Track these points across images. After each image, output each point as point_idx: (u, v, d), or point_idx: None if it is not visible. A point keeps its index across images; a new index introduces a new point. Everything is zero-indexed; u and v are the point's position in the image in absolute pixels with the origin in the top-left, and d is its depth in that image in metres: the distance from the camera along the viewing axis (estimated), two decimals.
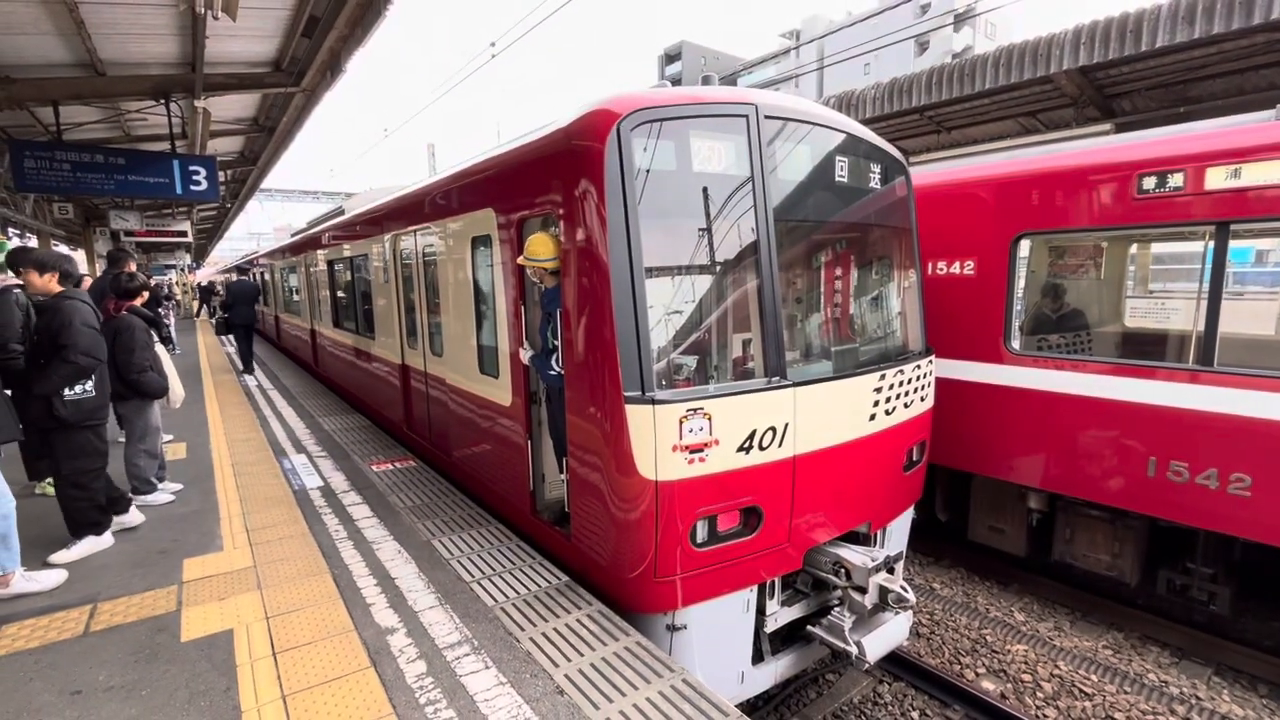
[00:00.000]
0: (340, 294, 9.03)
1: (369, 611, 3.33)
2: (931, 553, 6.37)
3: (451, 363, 5.22)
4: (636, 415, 3.06)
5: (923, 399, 4.29)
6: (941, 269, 5.41)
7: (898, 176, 4.36)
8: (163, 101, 7.52)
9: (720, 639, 3.56)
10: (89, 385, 4.02)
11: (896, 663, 4.56)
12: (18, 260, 4.02)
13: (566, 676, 2.80)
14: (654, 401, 3.03)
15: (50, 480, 4.76)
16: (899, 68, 12.32)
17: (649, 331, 3.11)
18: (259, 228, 48.81)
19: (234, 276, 14.37)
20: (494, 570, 3.81)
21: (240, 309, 11.67)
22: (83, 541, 4.09)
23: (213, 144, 10.02)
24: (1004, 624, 5.15)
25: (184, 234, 16.40)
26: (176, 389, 5.24)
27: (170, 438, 6.58)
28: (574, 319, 3.36)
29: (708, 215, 3.34)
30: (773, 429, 3.32)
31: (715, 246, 3.41)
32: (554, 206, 3.48)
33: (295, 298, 12.65)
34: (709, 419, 3.13)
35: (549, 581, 3.68)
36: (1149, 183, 4.23)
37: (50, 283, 4.03)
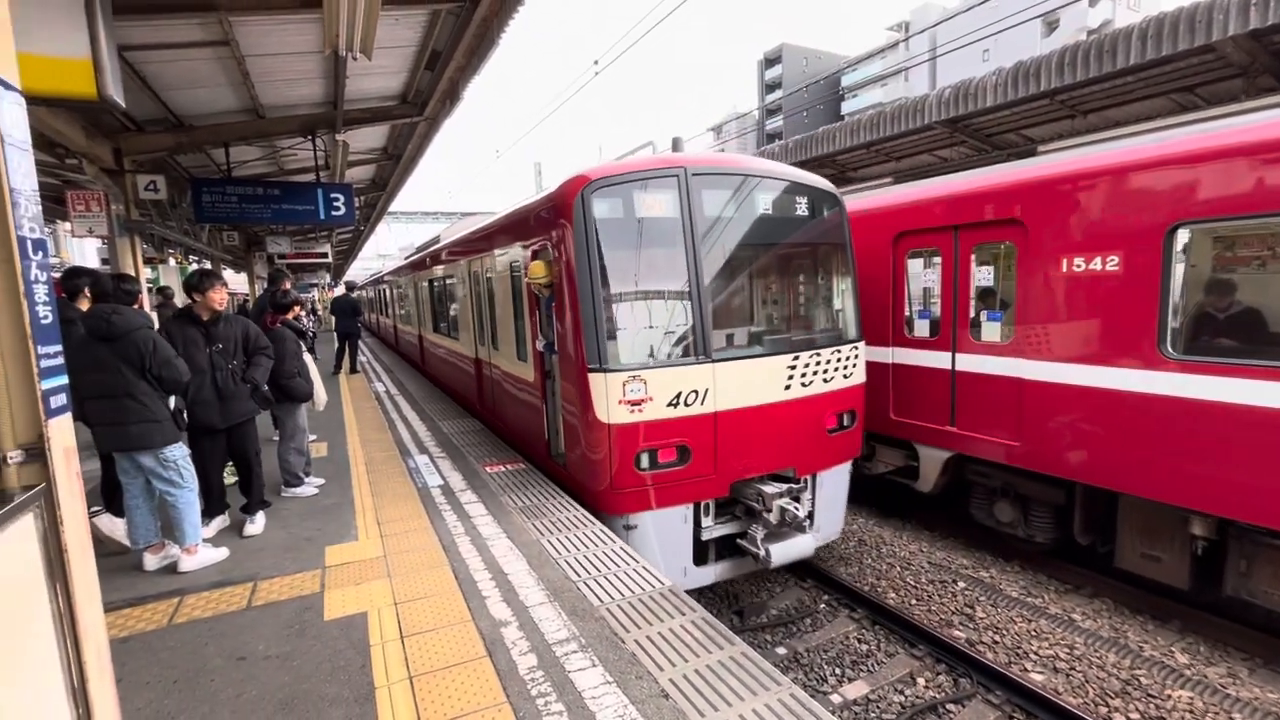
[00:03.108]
0: (437, 305, 11.12)
1: (484, 604, 3.52)
2: (1070, 580, 5.75)
3: (503, 354, 6.90)
4: (595, 380, 4.50)
5: (845, 376, 5.37)
6: (1079, 266, 4.91)
7: (825, 203, 5.51)
8: (309, 137, 8.45)
9: (665, 540, 4.84)
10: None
11: (1031, 699, 4.15)
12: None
13: (671, 681, 2.80)
14: (605, 370, 4.47)
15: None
16: (1024, 51, 11.38)
17: (603, 324, 4.55)
18: (386, 249, 53.37)
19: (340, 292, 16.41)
20: (599, 572, 3.89)
21: (342, 320, 13.03)
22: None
23: (349, 173, 11.11)
24: (1162, 665, 4.54)
25: (325, 255, 18.32)
26: (320, 393, 5.84)
27: (315, 437, 7.31)
28: (560, 317, 4.86)
29: (650, 245, 4.77)
30: (695, 391, 4.65)
31: (655, 265, 4.80)
32: (548, 242, 5.01)
33: (406, 310, 15.34)
34: (644, 383, 4.52)
35: (653, 586, 3.71)
36: None
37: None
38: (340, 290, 19.55)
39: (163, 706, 2.75)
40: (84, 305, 4.64)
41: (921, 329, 6.39)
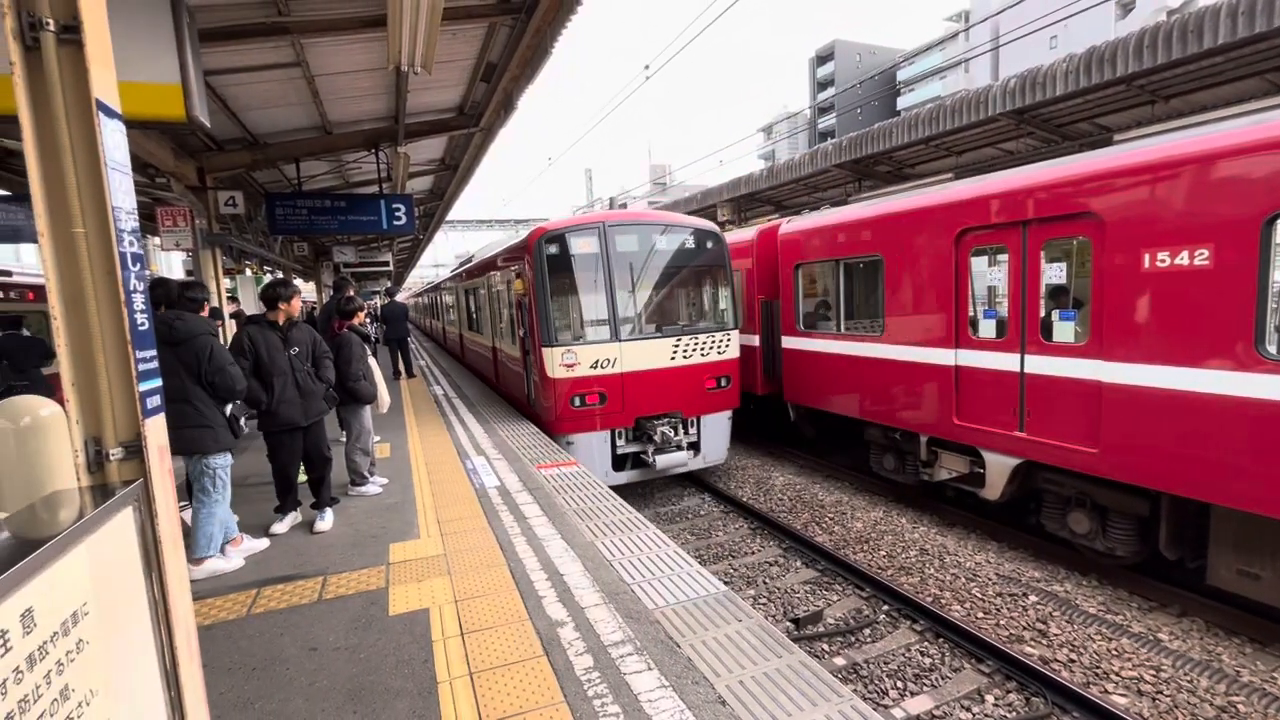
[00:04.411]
0: (469, 310, 14.22)
1: (541, 603, 3.57)
2: (1155, 596, 5.37)
3: (505, 341, 9.90)
4: (546, 352, 7.20)
5: (720, 352, 7.92)
6: (1162, 261, 4.60)
7: (708, 239, 8.11)
8: (373, 150, 8.83)
9: (592, 453, 7.48)
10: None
11: None
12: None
13: (728, 687, 2.77)
14: (552, 345, 7.19)
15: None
16: (1095, 37, 10.78)
17: (551, 318, 7.28)
18: (443, 258, 55.11)
19: (386, 299, 16.99)
20: (654, 575, 3.89)
21: (394, 325, 13.33)
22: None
23: (410, 184, 11.53)
24: (1263, 692, 4.18)
25: (386, 264, 19.04)
26: (384, 396, 6.07)
27: (379, 438, 7.60)
28: (530, 315, 7.60)
29: (581, 270, 7.48)
30: (609, 359, 7.29)
31: (588, 283, 7.50)
32: (523, 268, 7.80)
33: (449, 315, 19.19)
34: (575, 353, 7.19)
35: (707, 590, 3.68)
36: None
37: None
38: (383, 299, 20.51)
39: (243, 691, 2.91)
40: None
41: (987, 330, 6.12)
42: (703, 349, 7.74)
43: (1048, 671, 4.30)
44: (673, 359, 7.56)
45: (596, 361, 7.24)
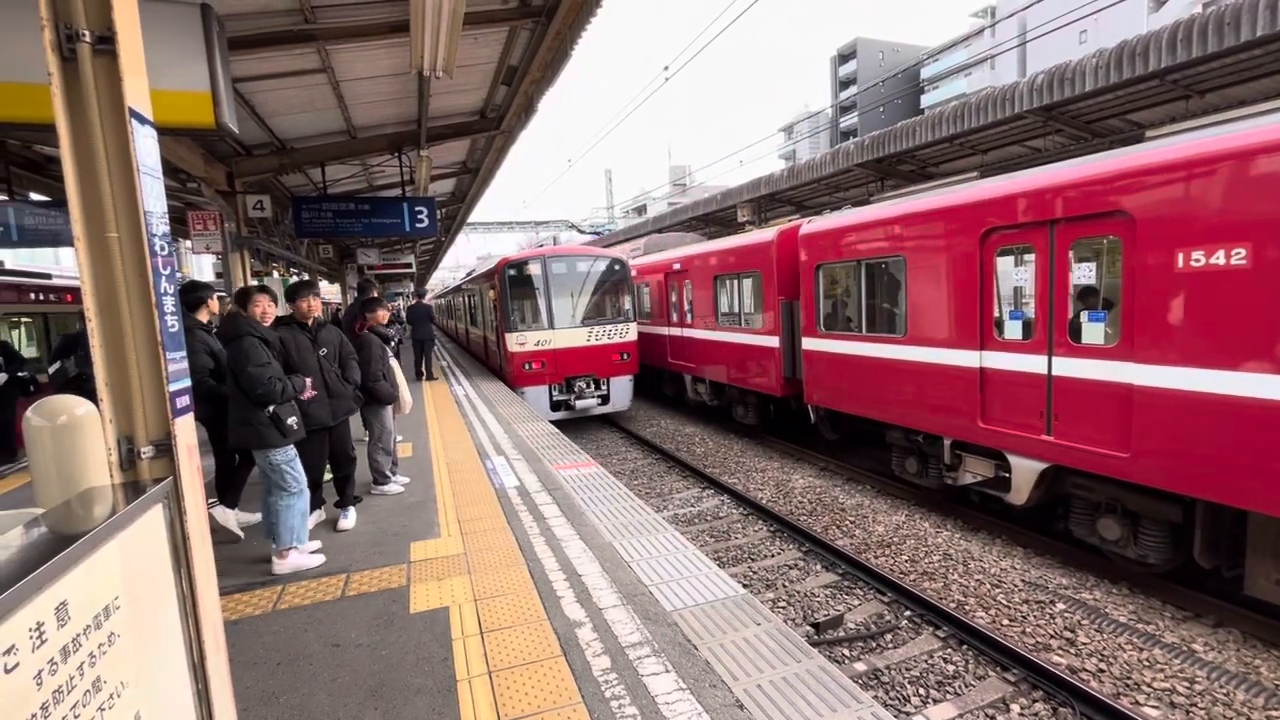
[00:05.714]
0: (471, 310, 18.65)
1: (559, 604, 3.59)
2: (1189, 606, 5.21)
3: (488, 330, 14.20)
4: (508, 335, 11.82)
5: (622, 336, 12.15)
6: (1196, 261, 4.46)
7: (617, 264, 12.38)
8: (396, 154, 8.95)
9: (538, 399, 11.68)
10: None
11: None
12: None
13: (745, 691, 2.75)
14: (511, 331, 11.80)
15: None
16: (1127, 31, 10.51)
17: (513, 315, 11.88)
18: (464, 260, 55.72)
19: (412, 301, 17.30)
20: (671, 576, 3.89)
21: (419, 326, 13.50)
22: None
23: (432, 187, 11.66)
24: None
25: (409, 266, 19.32)
26: (405, 396, 6.14)
27: (401, 438, 7.70)
28: (498, 313, 12.46)
29: (529, 285, 12.03)
30: (546, 340, 11.81)
31: (533, 293, 12.01)
32: (495, 283, 12.49)
33: (457, 313, 24.90)
34: (525, 337, 11.76)
35: (726, 593, 3.66)
36: None
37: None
38: (409, 300, 21.64)
39: (268, 685, 2.96)
40: (203, 316, 5.09)
41: (1013, 331, 6.00)
42: (609, 334, 12.02)
43: (1076, 681, 4.20)
44: (589, 340, 11.88)
45: (538, 342, 11.58)
